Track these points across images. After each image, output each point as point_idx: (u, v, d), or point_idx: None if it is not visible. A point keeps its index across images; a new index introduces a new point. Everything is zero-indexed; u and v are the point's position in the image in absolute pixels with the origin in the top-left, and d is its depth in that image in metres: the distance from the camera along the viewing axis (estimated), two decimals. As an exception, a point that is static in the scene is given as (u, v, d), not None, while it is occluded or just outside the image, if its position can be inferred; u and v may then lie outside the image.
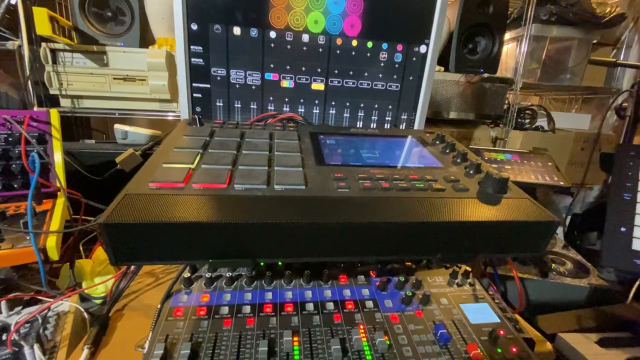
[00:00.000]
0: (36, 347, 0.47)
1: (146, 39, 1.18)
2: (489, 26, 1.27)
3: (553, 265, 0.82)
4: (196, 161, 0.38)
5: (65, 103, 1.16)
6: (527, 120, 1.44)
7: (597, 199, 1.47)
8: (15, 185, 0.68)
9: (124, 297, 0.57)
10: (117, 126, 1.05)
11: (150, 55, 1.11)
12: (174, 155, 0.38)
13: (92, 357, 0.44)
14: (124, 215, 0.30)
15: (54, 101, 1.16)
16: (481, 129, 1.41)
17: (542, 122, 1.50)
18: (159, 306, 0.46)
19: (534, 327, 0.61)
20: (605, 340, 0.61)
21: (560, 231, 0.99)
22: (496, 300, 0.56)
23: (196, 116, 0.51)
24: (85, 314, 0.58)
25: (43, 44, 1.05)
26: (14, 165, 0.68)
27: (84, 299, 0.64)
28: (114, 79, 1.13)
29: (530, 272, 0.76)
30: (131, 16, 1.13)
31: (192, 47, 0.64)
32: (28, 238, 0.58)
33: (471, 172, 0.44)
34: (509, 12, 1.36)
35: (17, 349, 0.48)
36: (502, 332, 0.44)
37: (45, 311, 0.56)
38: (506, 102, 1.44)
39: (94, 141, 1.25)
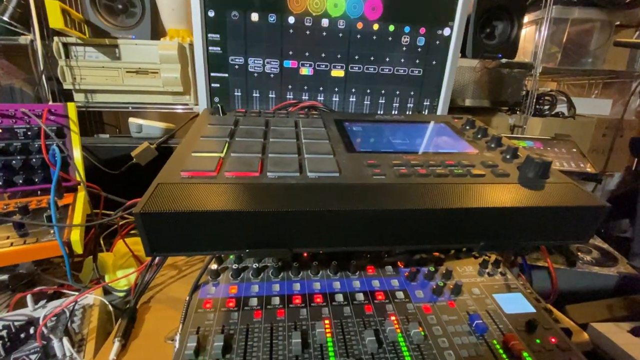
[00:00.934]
0: (65, 340, 0.47)
1: (157, 31, 1.16)
2: (507, 9, 1.23)
3: (579, 254, 0.79)
4: (225, 149, 0.36)
5: (78, 98, 1.16)
6: (547, 107, 1.39)
7: (618, 186, 1.43)
8: (36, 180, 0.68)
9: (148, 289, 0.56)
10: (131, 120, 1.04)
11: (162, 47, 1.10)
12: (202, 144, 0.37)
13: (122, 349, 0.43)
14: (159, 204, 0.29)
15: (67, 96, 1.16)
16: (498, 116, 1.38)
17: (561, 108, 1.46)
18: (187, 298, 0.45)
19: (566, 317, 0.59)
20: (638, 329, 0.59)
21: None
22: (528, 290, 0.54)
23: (219, 105, 0.50)
24: (110, 307, 0.58)
25: (55, 38, 1.05)
26: (34, 160, 0.68)
27: (106, 292, 0.64)
28: (127, 72, 1.12)
29: (557, 262, 0.74)
30: (142, 8, 1.12)
31: (209, 35, 0.62)
32: (52, 232, 0.58)
33: (508, 157, 0.42)
34: (528, -6, 1.31)
35: (45, 342, 0.48)
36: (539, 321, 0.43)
37: (72, 304, 0.56)
38: (524, 88, 1.39)
39: (107, 135, 1.25)
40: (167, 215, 0.28)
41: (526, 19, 1.39)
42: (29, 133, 0.68)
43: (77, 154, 0.72)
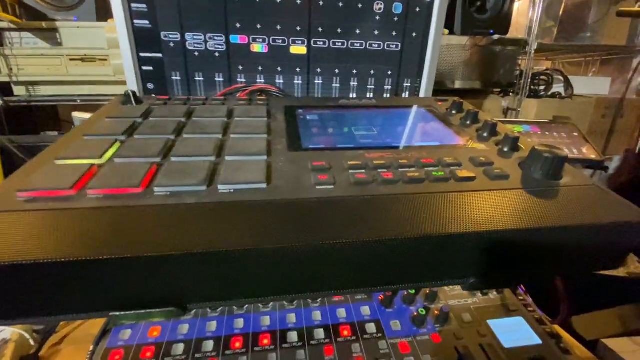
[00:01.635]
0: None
1: (104, 12, 1.02)
2: (499, -22, 1.11)
3: (583, 252, 0.70)
4: (108, 154, 0.25)
5: (19, 91, 1.02)
6: (542, 87, 1.29)
7: (617, 171, 1.34)
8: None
9: (66, 324, 0.46)
10: (75, 114, 0.91)
11: (109, 30, 0.96)
12: (78, 147, 0.26)
13: (5, 419, 0.33)
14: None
15: (6, 90, 1.02)
16: (491, 99, 1.27)
17: (557, 88, 1.35)
18: (91, 347, 0.35)
19: (569, 332, 0.50)
20: (660, 346, 0.50)
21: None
22: (529, 309, 0.45)
23: (130, 90, 0.38)
24: (32, 341, 0.47)
25: (-19, 22, 0.90)
26: None
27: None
28: (70, 59, 0.98)
29: (560, 263, 0.65)
30: (83, -16, 0.97)
31: (132, 5, 0.49)
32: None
33: (506, 149, 0.31)
34: (522, -38, 1.19)
35: None
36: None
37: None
38: (518, 67, 1.29)
39: (57, 133, 1.11)
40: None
41: (520, -10, 1.27)
42: None
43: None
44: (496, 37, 1.16)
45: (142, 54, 0.52)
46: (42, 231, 0.19)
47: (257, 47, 0.54)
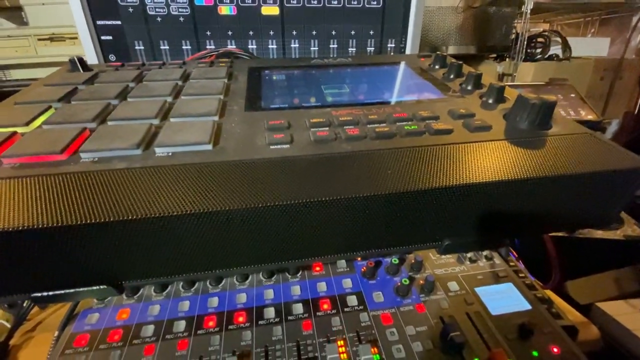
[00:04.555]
0: None
1: (70, -15, 0.95)
2: None
3: (579, 216, 0.68)
4: (38, 121, 0.22)
5: (-11, 76, 0.97)
6: (539, 50, 1.23)
7: (617, 134, 1.31)
8: None
9: (37, 312, 0.44)
10: (48, 97, 0.87)
11: (75, 5, 0.90)
12: (5, 115, 0.23)
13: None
14: None
15: (-26, 75, 0.97)
16: (485, 64, 1.22)
17: (555, 50, 1.29)
18: (56, 333, 0.33)
19: (563, 297, 0.49)
20: (655, 307, 0.49)
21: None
22: (521, 275, 0.43)
23: (77, 57, 0.35)
24: (7, 324, 0.45)
25: (-64, 1, 0.84)
26: None
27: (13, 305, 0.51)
28: (39, 40, 0.93)
29: (554, 228, 0.63)
30: (43, -45, 0.90)
31: (82, -35, 0.45)
32: None
33: (490, 101, 0.28)
34: None
35: None
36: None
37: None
38: (514, 30, 1.22)
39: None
40: None
41: (515, -55, 1.19)
42: None
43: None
44: (490, -3, 1.10)
45: (99, 22, 0.48)
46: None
47: (225, 9, 0.50)
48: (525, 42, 1.18)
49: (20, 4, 0.91)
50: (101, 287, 0.17)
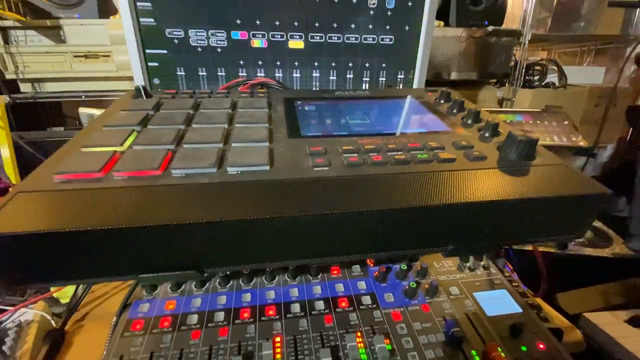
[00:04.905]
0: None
1: (106, 9, 1.04)
2: (493, -30, 1.12)
3: (571, 234, 0.74)
4: (128, 142, 0.29)
5: (25, 88, 1.05)
6: (537, 77, 1.31)
7: (610, 159, 1.37)
8: (-43, 184, 0.59)
9: (87, 304, 0.49)
10: (81, 110, 0.94)
11: (110, 27, 0.98)
12: (100, 136, 0.29)
13: (40, 383, 0.37)
14: (14, 222, 0.21)
15: (12, 87, 1.04)
16: (486, 89, 1.29)
17: (552, 78, 1.37)
18: (114, 319, 0.38)
19: (554, 307, 0.54)
20: (637, 319, 0.54)
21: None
22: (514, 284, 0.48)
23: (141, 86, 0.41)
24: (54, 322, 0.51)
25: (-12, 22, 0.93)
26: (-49, 161, 0.59)
27: (55, 302, 0.57)
28: (75, 56, 1.01)
29: (547, 244, 0.69)
30: (85, -18, 0.99)
31: (138, 3, 0.52)
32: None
33: (487, 134, 0.34)
34: (516, -47, 1.20)
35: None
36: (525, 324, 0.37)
37: (5, 321, 0.49)
38: (513, 58, 1.30)
39: (62, 129, 1.14)
40: (21, 238, 0.20)
41: (514, -19, 1.28)
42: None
43: (6, 153, 0.63)
44: (491, 28, 1.18)
45: (148, 51, 0.55)
46: (79, 206, 0.23)
47: (257, 43, 0.57)
48: (524, 70, 1.26)
49: (60, 24, 1.00)
50: (189, 272, 0.23)
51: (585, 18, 1.30)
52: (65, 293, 0.57)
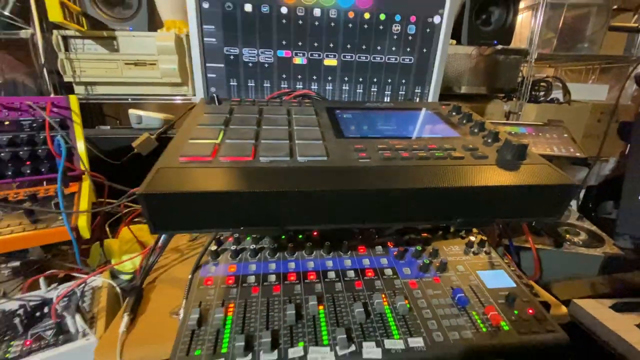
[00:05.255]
0: (78, 316, 0.51)
1: (154, 22, 1.17)
2: (503, -5, 1.23)
3: (567, 235, 0.82)
4: (220, 136, 0.39)
5: (79, 90, 1.17)
6: (542, 93, 1.40)
7: (612, 171, 1.44)
8: (43, 169, 0.70)
9: (153, 271, 0.60)
10: (131, 111, 1.06)
11: (159, 39, 1.11)
12: (199, 132, 0.40)
13: (131, 323, 0.47)
14: (159, 186, 0.31)
15: (68, 88, 1.18)
16: (494, 103, 1.39)
17: (557, 94, 1.46)
18: (189, 276, 0.48)
19: (549, 293, 0.62)
20: (619, 305, 0.62)
21: (574, 203, 0.99)
22: (512, 268, 0.57)
23: (215, 94, 0.52)
24: (117, 289, 0.61)
25: (55, 32, 1.06)
26: (39, 151, 0.71)
27: (113, 276, 0.67)
28: (125, 64, 1.14)
29: (544, 243, 0.77)
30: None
31: (204, 26, 0.64)
32: (60, 218, 0.61)
33: (489, 140, 0.44)
34: (524, -21, 1.30)
35: (59, 320, 0.51)
36: (518, 295, 0.46)
37: (82, 285, 0.60)
38: (520, 74, 1.40)
39: (108, 127, 1.27)
40: (166, 196, 0.31)
41: (522, 4, 1.38)
42: (34, 125, 0.71)
43: (81, 145, 0.74)
44: (499, 47, 1.28)
45: (208, 64, 0.67)
46: (200, 177, 0.33)
47: (298, 60, 0.68)
48: (530, 86, 1.35)
49: (115, 35, 1.13)
50: (275, 227, 0.33)
51: (589, 39, 1.39)
52: (123, 267, 0.68)
